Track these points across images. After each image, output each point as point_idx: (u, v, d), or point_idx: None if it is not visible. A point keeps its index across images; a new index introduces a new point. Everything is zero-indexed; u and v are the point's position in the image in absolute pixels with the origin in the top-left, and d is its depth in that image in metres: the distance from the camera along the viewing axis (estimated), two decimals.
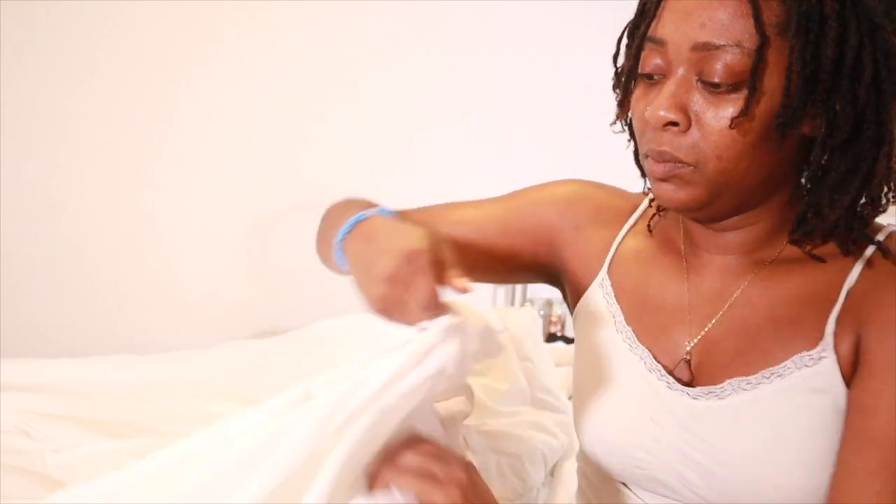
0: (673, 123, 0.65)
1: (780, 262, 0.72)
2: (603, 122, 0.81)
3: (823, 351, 0.66)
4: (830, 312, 0.67)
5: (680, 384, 0.73)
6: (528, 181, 0.91)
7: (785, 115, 0.63)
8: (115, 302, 1.93)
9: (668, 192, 0.68)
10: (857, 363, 0.66)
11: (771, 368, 0.68)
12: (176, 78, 1.92)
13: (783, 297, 0.70)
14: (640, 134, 0.71)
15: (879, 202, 0.67)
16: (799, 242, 0.71)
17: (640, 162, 0.76)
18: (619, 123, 0.77)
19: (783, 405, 0.67)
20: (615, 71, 0.76)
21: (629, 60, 0.73)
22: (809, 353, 0.67)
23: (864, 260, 0.68)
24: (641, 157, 0.72)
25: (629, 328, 0.78)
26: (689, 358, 0.74)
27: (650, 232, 0.82)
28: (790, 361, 0.67)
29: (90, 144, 1.87)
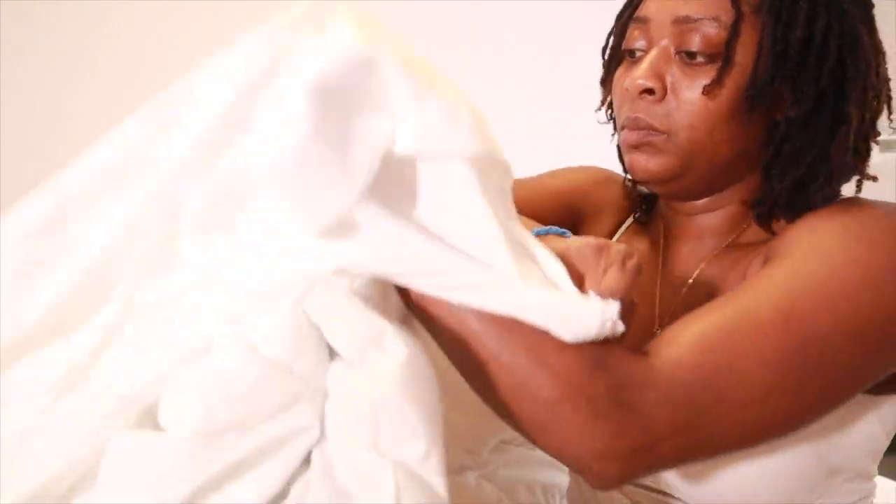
0: (649, 92, 0.68)
1: (740, 244, 0.73)
2: (601, 122, 0.84)
3: None
4: None
5: None
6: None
7: (754, 87, 0.66)
8: None
9: (640, 161, 0.71)
10: None
11: None
12: (176, 78, 1.91)
13: (738, 277, 0.70)
14: (619, 109, 0.74)
15: (833, 177, 0.68)
16: (763, 218, 0.71)
17: (622, 155, 0.78)
18: (605, 114, 0.81)
19: None
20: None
21: (614, 41, 0.77)
22: None
23: None
24: (618, 131, 0.75)
25: None
26: None
27: (635, 223, 0.85)
28: None
29: (90, 144, 1.87)
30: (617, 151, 0.80)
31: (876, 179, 0.71)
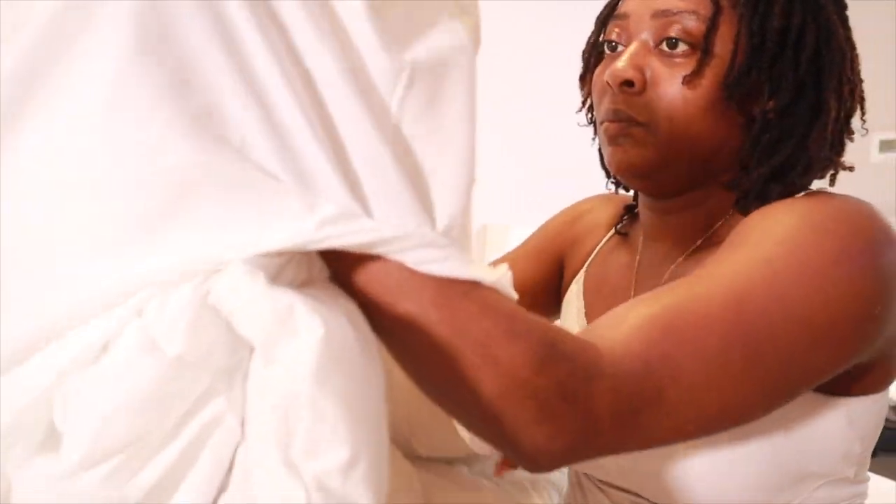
0: (629, 83, 0.69)
1: (713, 242, 0.72)
2: (581, 124, 0.85)
3: None
4: None
5: None
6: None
7: (732, 76, 0.67)
8: None
9: (619, 154, 0.71)
10: None
11: None
12: None
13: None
14: (598, 104, 0.74)
15: (811, 168, 0.69)
16: (743, 207, 0.70)
17: (604, 163, 0.80)
18: (585, 116, 0.83)
19: None
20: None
21: (593, 38, 0.79)
22: None
23: None
24: (598, 126, 0.74)
25: (585, 322, 0.80)
26: None
27: (617, 232, 0.86)
28: None
29: None
30: (599, 156, 0.79)
31: (852, 169, 0.71)
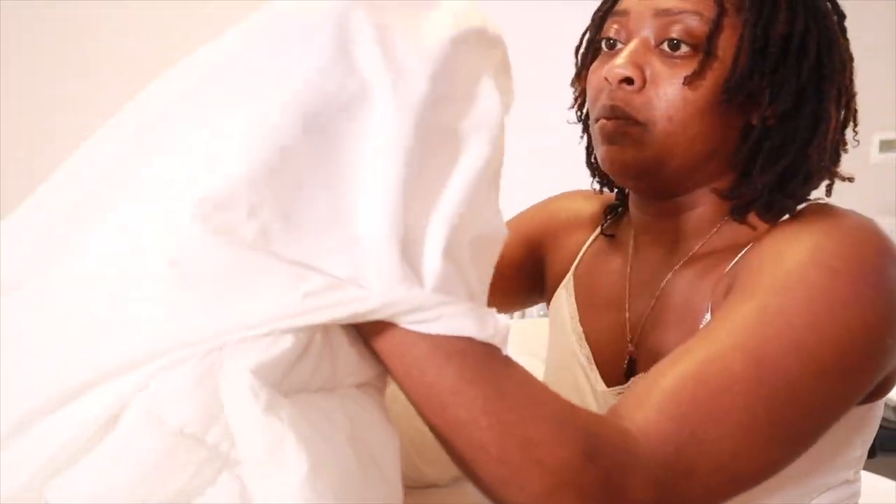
0: (629, 81, 0.67)
1: (709, 251, 0.71)
2: (570, 122, 0.82)
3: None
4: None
5: (616, 384, 0.72)
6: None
7: (733, 79, 0.66)
8: None
9: (614, 153, 0.69)
10: None
11: None
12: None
13: (706, 291, 0.68)
14: (594, 101, 0.71)
15: (812, 177, 0.68)
16: (739, 212, 0.69)
17: (591, 162, 0.79)
18: (576, 114, 0.80)
19: None
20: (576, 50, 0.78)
21: (590, 34, 0.76)
22: None
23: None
24: (592, 124, 0.72)
25: (581, 328, 0.79)
26: (635, 357, 0.73)
27: (602, 233, 0.83)
28: None
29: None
30: (586, 155, 0.77)
31: (852, 180, 0.71)
